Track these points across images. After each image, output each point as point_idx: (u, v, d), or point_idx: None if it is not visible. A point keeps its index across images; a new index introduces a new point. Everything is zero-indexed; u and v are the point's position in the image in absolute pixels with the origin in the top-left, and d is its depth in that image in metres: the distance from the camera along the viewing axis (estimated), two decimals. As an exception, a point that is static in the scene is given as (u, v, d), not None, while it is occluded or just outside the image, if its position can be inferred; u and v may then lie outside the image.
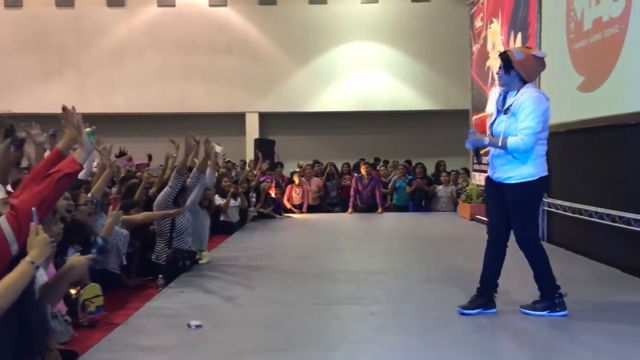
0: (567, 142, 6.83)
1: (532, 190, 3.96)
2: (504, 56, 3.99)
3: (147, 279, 5.27)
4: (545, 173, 3.98)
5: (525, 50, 4.03)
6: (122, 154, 7.50)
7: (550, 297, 3.95)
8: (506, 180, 3.95)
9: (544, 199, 7.33)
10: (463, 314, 3.97)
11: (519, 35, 8.19)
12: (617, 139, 5.60)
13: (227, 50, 16.17)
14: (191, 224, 5.85)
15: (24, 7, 16.10)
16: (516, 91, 3.94)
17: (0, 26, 15.95)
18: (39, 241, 2.36)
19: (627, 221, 5.26)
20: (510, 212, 3.97)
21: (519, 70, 3.90)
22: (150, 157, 11.55)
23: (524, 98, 3.86)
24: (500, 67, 4.01)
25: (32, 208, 2.40)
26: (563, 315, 3.89)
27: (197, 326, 3.74)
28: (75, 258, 2.56)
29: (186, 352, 3.34)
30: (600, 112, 5.78)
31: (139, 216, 5.31)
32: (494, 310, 4.01)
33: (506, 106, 3.96)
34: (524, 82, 3.93)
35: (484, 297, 4.04)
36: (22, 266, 2.33)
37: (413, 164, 12.53)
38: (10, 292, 2.27)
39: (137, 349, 3.39)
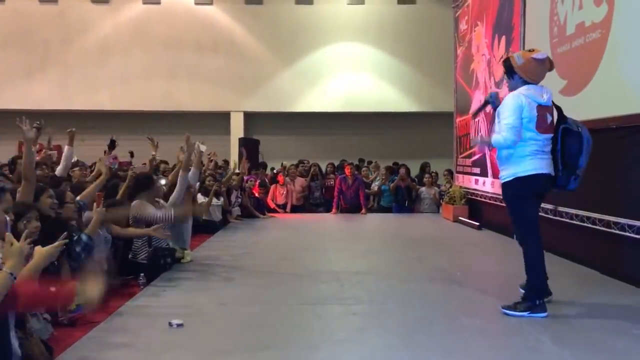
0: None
1: (512, 189, 4.14)
2: (507, 63, 4.21)
3: (128, 278, 5.23)
4: (529, 172, 4.04)
5: (525, 55, 4.18)
6: (112, 142, 7.44)
7: (532, 297, 4.00)
8: (501, 180, 4.23)
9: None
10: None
11: (503, 38, 8.26)
12: (599, 142, 5.65)
13: (213, 49, 16.12)
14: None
15: (7, 2, 15.92)
16: None
17: (-18, 21, 15.76)
18: (14, 251, 2.34)
19: (607, 224, 5.33)
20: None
21: (521, 74, 4.11)
22: (132, 154, 11.44)
23: (504, 100, 4.13)
24: (504, 73, 4.24)
25: (6, 217, 2.41)
26: (543, 317, 3.93)
27: (179, 325, 3.73)
28: (39, 248, 2.53)
29: (167, 351, 3.32)
30: (582, 115, 5.79)
31: (128, 231, 5.30)
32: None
33: None
34: (525, 83, 4.11)
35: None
36: (1, 278, 2.30)
37: (400, 166, 12.56)
38: None
39: (117, 348, 3.37)
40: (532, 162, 4.04)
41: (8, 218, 3.01)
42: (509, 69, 4.18)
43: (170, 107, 15.99)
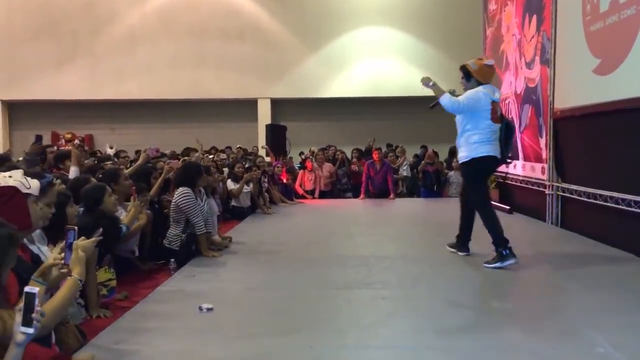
0: (582, 126, 6.75)
1: (471, 168, 5.19)
2: (464, 69, 5.28)
3: (159, 263, 5.31)
4: (484, 154, 5.07)
5: (478, 62, 5.27)
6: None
7: (499, 250, 4.89)
8: (460, 160, 5.32)
9: (557, 184, 7.31)
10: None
11: (534, 17, 8.07)
12: (633, 122, 5.50)
13: (239, 36, 16.11)
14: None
15: (37, -7, 16.14)
16: None
17: (14, 12, 16.01)
18: (81, 259, 2.45)
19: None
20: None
21: (477, 77, 5.19)
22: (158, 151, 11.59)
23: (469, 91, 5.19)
24: (462, 77, 5.30)
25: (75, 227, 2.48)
26: (513, 263, 4.81)
27: (209, 309, 3.76)
28: (80, 242, 2.55)
29: (198, 335, 3.35)
30: (616, 95, 5.68)
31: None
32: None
33: None
34: (480, 84, 5.16)
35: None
36: (71, 283, 2.37)
37: (427, 149, 12.45)
38: (63, 309, 2.35)
39: (148, 332, 3.41)
40: (487, 147, 5.07)
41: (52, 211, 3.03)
42: (467, 74, 5.25)
43: (198, 95, 16.08)
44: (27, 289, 1.97)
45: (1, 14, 16.00)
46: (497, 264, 4.85)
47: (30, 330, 1.92)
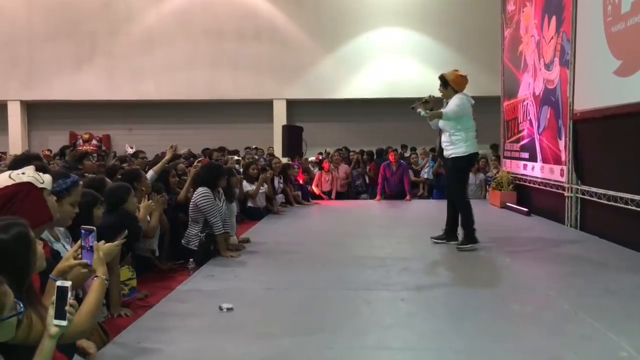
0: (603, 128, 6.69)
1: (459, 163, 6.05)
2: (442, 79, 6.13)
3: (178, 263, 5.34)
4: (472, 151, 6.06)
5: (454, 73, 6.15)
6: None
7: (468, 243, 5.89)
8: (450, 156, 6.09)
9: (576, 186, 7.25)
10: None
11: (554, 18, 8.01)
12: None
13: (255, 37, 16.17)
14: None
15: (56, -6, 16.33)
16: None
17: (33, 13, 16.21)
18: (103, 260, 2.48)
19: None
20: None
21: (454, 86, 6.06)
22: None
23: (455, 98, 6.02)
24: (440, 85, 6.15)
25: (93, 228, 2.51)
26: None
27: (229, 309, 3.78)
28: (104, 246, 2.58)
29: (218, 334, 3.38)
30: (638, 97, 5.62)
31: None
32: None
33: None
34: (455, 92, 6.02)
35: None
36: (99, 284, 2.40)
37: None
38: (96, 311, 2.38)
39: (169, 331, 3.44)
40: (473, 144, 6.06)
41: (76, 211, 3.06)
42: (444, 83, 6.10)
43: (214, 96, 16.16)
44: (59, 283, 2.02)
45: (20, 15, 16.21)
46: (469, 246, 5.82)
47: (64, 323, 1.97)
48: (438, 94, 6.25)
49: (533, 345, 3.19)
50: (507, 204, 9.36)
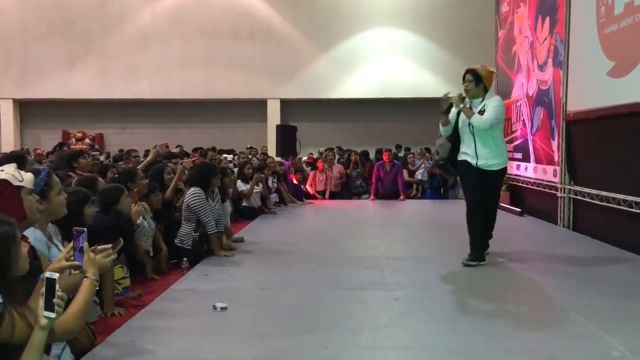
0: (595, 129, 6.72)
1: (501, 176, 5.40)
2: (475, 74, 5.20)
3: (171, 262, 5.32)
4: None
5: (486, 68, 5.30)
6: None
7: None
8: (496, 168, 5.21)
9: (569, 187, 7.29)
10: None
11: (547, 19, 8.04)
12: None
13: (249, 36, 16.16)
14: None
15: (50, -7, 16.26)
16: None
17: (27, 11, 16.14)
18: (93, 261, 2.45)
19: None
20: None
21: (485, 83, 5.22)
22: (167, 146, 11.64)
23: (495, 98, 5.23)
24: (471, 81, 5.20)
25: (84, 229, 2.48)
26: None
27: (223, 308, 3.78)
28: (98, 258, 2.54)
29: (212, 334, 3.36)
30: (631, 98, 5.65)
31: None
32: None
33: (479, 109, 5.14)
34: (486, 90, 5.24)
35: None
36: (88, 285, 2.38)
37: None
38: (85, 312, 2.35)
39: (162, 331, 3.42)
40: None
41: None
42: (477, 79, 5.18)
43: (208, 95, 16.14)
44: (47, 274, 2.04)
45: (14, 13, 16.13)
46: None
47: (53, 315, 2.00)
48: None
49: (527, 345, 3.20)
50: (500, 204, 9.36)
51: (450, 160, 5.44)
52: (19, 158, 4.40)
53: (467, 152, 5.23)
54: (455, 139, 5.39)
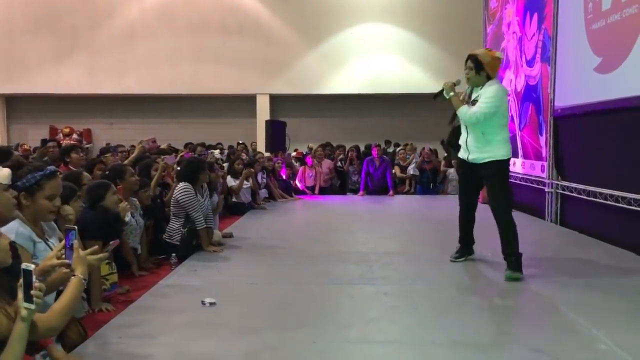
0: (582, 124, 6.77)
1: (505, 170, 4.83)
2: (476, 60, 4.64)
3: (160, 258, 5.31)
4: (508, 156, 4.73)
5: (490, 54, 4.71)
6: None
7: (514, 258, 4.62)
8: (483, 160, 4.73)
9: (557, 182, 7.33)
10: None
11: (535, 15, 8.07)
12: (634, 121, 5.52)
13: (239, 31, 16.09)
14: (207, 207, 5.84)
15: (37, -13, 16.08)
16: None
17: (13, 6, 15.95)
18: (83, 259, 2.44)
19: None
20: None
21: (488, 71, 4.63)
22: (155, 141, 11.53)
23: (491, 85, 4.63)
24: (471, 68, 4.67)
25: (74, 227, 2.46)
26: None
27: (211, 304, 3.77)
28: (89, 257, 2.53)
29: (201, 329, 3.36)
30: (617, 93, 5.70)
31: None
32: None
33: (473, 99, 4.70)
34: (489, 78, 4.66)
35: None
36: (76, 283, 2.37)
37: (423, 148, 12.47)
38: (71, 309, 2.35)
39: (151, 326, 3.41)
40: (509, 146, 4.75)
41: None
42: (478, 65, 4.61)
43: (197, 91, 16.06)
44: (23, 266, 2.05)
45: (0, 8, 15.94)
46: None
47: (32, 306, 2.03)
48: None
49: (515, 338, 3.23)
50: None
51: (449, 142, 5.13)
52: (3, 153, 4.37)
53: (460, 145, 4.91)
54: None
